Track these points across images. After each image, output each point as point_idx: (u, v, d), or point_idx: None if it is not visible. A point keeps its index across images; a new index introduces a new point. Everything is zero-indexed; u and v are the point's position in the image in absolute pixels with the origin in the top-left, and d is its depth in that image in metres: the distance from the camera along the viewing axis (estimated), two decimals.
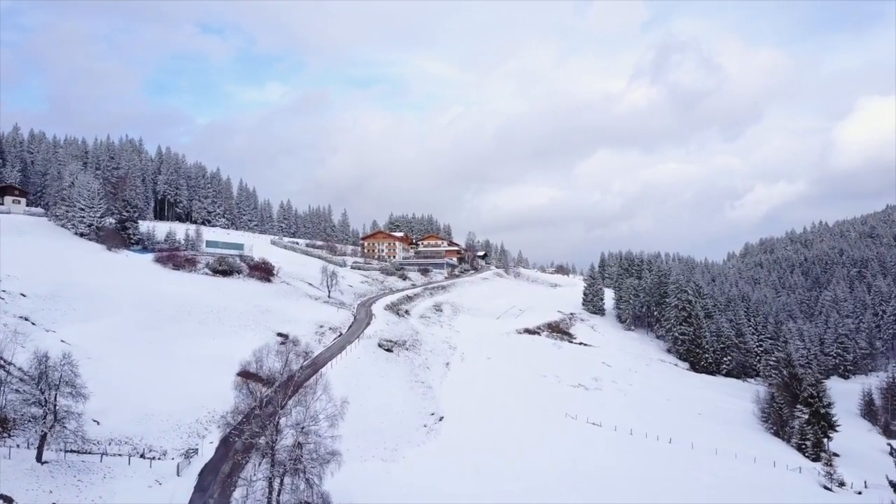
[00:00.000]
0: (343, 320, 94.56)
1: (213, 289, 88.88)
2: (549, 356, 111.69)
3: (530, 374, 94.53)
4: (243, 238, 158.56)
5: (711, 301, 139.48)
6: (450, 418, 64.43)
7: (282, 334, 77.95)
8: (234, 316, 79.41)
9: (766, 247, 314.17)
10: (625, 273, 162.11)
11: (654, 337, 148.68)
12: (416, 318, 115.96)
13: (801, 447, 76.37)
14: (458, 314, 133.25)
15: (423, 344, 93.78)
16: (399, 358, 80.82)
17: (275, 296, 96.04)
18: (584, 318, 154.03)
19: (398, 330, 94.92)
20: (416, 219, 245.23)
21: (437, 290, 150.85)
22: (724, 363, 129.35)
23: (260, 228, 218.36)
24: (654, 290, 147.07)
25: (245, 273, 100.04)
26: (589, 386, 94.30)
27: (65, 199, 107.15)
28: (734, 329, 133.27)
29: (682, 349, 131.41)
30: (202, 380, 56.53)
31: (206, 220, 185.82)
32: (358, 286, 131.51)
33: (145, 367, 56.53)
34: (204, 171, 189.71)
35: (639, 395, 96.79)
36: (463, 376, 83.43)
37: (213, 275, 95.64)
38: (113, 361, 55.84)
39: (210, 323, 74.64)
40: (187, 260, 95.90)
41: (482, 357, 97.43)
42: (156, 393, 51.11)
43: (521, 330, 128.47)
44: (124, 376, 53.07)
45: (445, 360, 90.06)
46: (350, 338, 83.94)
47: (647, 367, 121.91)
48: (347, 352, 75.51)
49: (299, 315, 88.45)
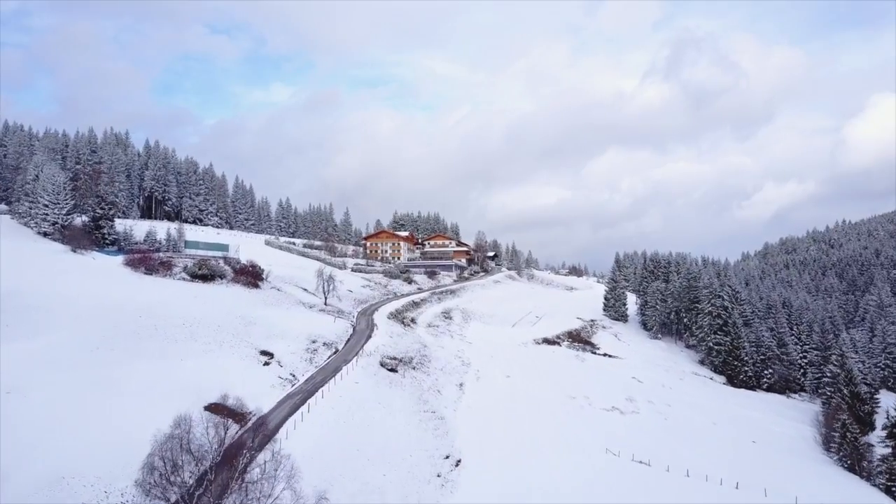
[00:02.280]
0: (340, 332, 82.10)
1: (188, 297, 76.46)
2: (572, 371, 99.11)
3: (557, 394, 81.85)
4: (236, 238, 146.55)
5: (750, 307, 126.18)
6: (469, 461, 51.92)
7: (266, 352, 65.57)
8: (211, 330, 66.91)
9: (788, 246, 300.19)
10: (650, 276, 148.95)
11: (684, 346, 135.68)
12: (423, 328, 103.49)
13: (891, 490, 63.37)
14: (469, 322, 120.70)
15: (433, 360, 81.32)
16: (405, 380, 68.31)
17: (262, 304, 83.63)
18: (606, 325, 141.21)
19: (403, 344, 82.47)
20: (422, 217, 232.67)
21: (445, 294, 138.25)
22: (764, 377, 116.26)
23: (257, 228, 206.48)
24: (684, 294, 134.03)
25: (229, 278, 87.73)
26: (624, 409, 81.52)
27: (28, 195, 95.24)
28: (776, 339, 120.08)
29: (718, 361, 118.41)
30: (153, 419, 44.11)
31: (197, 218, 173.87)
32: (359, 291, 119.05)
33: (81, 403, 44.08)
34: (195, 166, 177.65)
35: (680, 418, 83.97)
36: (480, 401, 70.86)
37: (191, 280, 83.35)
38: (39, 395, 43.48)
39: (179, 339, 62.17)
40: (162, 263, 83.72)
41: (500, 375, 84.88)
42: (84, 442, 38.66)
43: (540, 340, 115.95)
44: (47, 417, 40.68)
45: (459, 380, 77.54)
46: (347, 355, 71.48)
47: (681, 382, 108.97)
48: (343, 374, 63.00)
49: (289, 327, 75.91)
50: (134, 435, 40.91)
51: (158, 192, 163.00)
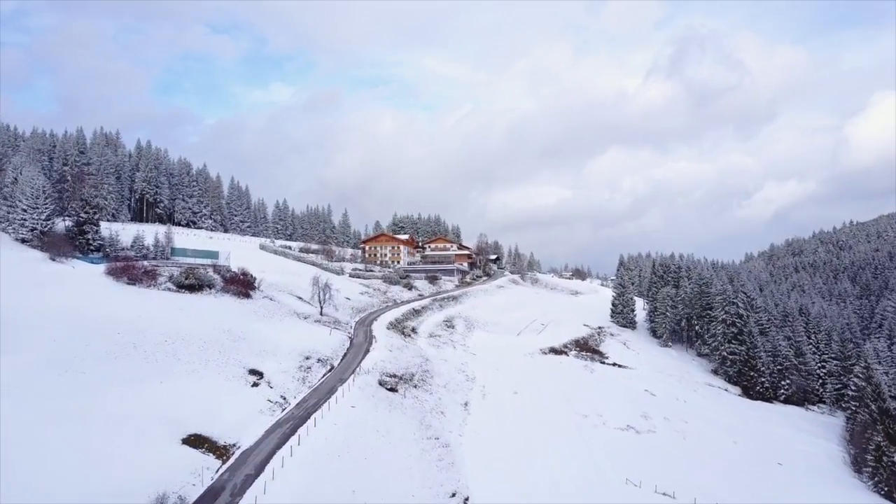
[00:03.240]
0: (336, 346, 76.86)
1: (173, 309, 71.12)
2: (582, 383, 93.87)
3: (568, 412, 76.62)
4: (230, 242, 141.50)
5: (766, 315, 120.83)
6: (478, 498, 46.67)
7: (255, 371, 60.36)
8: (195, 347, 61.61)
9: (794, 248, 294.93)
10: (659, 280, 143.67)
11: (696, 355, 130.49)
12: (424, 339, 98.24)
13: None
14: (472, 330, 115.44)
15: (435, 375, 76.10)
16: (406, 401, 63.03)
17: (253, 316, 78.33)
18: (614, 332, 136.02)
19: (404, 358, 77.23)
20: (422, 219, 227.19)
21: (447, 301, 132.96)
22: (781, 388, 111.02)
23: (253, 230, 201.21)
24: (695, 300, 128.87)
25: (218, 287, 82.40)
26: (640, 427, 76.28)
27: (7, 199, 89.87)
28: (793, 348, 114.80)
29: (732, 371, 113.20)
30: (122, 457, 38.93)
31: (190, 221, 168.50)
32: (356, 298, 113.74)
33: (38, 438, 38.81)
34: (189, 167, 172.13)
35: (699, 436, 78.78)
36: (487, 422, 65.68)
37: (177, 290, 78.02)
38: None
39: (159, 359, 56.85)
40: (146, 272, 78.38)
41: (507, 390, 79.68)
42: (34, 490, 33.38)
43: (547, 350, 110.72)
44: None
45: (464, 398, 72.32)
46: (343, 373, 66.23)
47: (695, 394, 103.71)
48: (338, 396, 57.72)
49: (281, 342, 70.64)
50: (99, 479, 35.93)
51: (150, 193, 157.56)
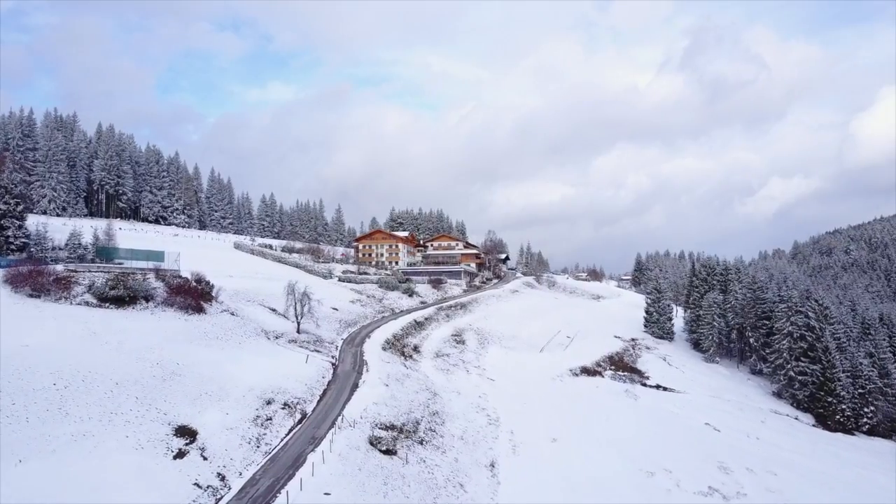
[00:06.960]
0: (313, 380, 56.82)
1: (83, 333, 50.91)
2: (628, 418, 73.82)
3: (625, 466, 56.58)
4: (197, 241, 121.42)
5: (842, 327, 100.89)
6: None
7: (184, 430, 40.21)
8: (100, 393, 41.40)
9: (822, 246, 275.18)
10: (702, 284, 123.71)
11: (749, 372, 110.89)
12: (429, 361, 78.38)
13: None
14: (486, 347, 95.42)
15: (447, 420, 56.15)
16: (408, 470, 42.98)
17: (201, 339, 58.13)
18: (650, 345, 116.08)
19: (405, 395, 57.21)
20: (424, 215, 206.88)
21: (454, 309, 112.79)
22: (864, 416, 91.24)
23: (236, 227, 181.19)
24: (748, 308, 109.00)
25: (159, 300, 62.20)
26: (725, 490, 56.10)
27: None
28: (876, 367, 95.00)
29: (802, 394, 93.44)
30: None
31: (160, 216, 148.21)
32: (346, 308, 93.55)
33: None
34: (158, 156, 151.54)
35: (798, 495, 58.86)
36: (525, 493, 45.67)
37: (97, 304, 57.79)
38: None
39: (35, 416, 36.58)
40: (58, 280, 58.27)
41: (542, 436, 59.63)
42: None
43: (578, 370, 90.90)
44: None
45: (487, 454, 52.26)
46: (320, 426, 46.14)
47: (765, 427, 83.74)
48: (308, 470, 37.57)
49: (235, 378, 50.53)
50: None
51: (110, 184, 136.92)
